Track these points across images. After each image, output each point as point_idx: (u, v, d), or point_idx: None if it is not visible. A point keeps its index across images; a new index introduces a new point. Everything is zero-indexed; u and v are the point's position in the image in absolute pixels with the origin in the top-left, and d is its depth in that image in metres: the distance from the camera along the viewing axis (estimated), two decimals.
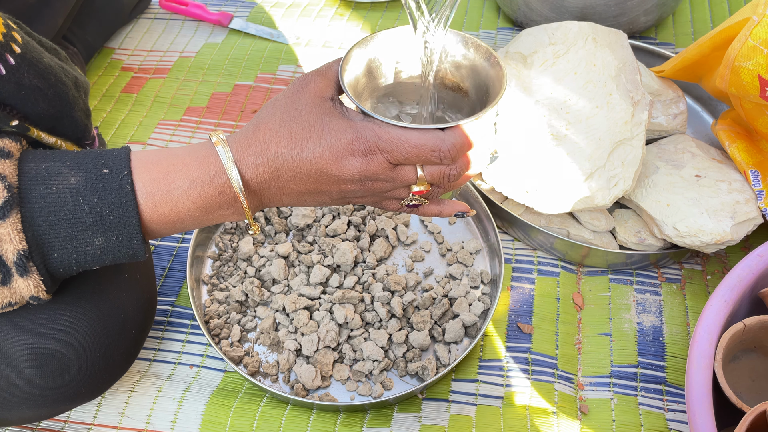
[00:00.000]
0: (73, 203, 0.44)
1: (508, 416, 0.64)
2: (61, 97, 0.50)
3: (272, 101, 0.48)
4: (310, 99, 0.47)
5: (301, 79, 0.48)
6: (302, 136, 0.46)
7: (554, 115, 0.75)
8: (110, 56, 1.01)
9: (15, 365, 0.50)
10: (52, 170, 0.44)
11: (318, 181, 0.47)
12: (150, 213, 0.46)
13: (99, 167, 0.45)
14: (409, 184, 0.48)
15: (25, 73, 0.46)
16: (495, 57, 0.50)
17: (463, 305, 0.69)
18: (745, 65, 0.65)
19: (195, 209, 0.47)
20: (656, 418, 0.65)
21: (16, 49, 0.45)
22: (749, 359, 0.61)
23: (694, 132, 0.89)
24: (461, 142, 0.46)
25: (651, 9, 0.97)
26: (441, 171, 0.47)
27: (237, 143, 0.47)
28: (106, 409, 0.65)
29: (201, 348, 0.70)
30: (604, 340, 0.70)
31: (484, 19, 1.08)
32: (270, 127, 0.46)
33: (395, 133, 0.45)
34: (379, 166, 0.46)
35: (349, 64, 0.49)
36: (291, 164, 0.46)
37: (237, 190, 0.46)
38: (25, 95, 0.47)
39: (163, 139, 0.90)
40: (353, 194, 0.49)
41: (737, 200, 0.71)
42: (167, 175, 0.46)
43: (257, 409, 0.64)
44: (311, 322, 0.68)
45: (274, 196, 0.49)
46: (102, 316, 0.54)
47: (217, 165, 0.46)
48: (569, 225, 0.75)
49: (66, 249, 0.45)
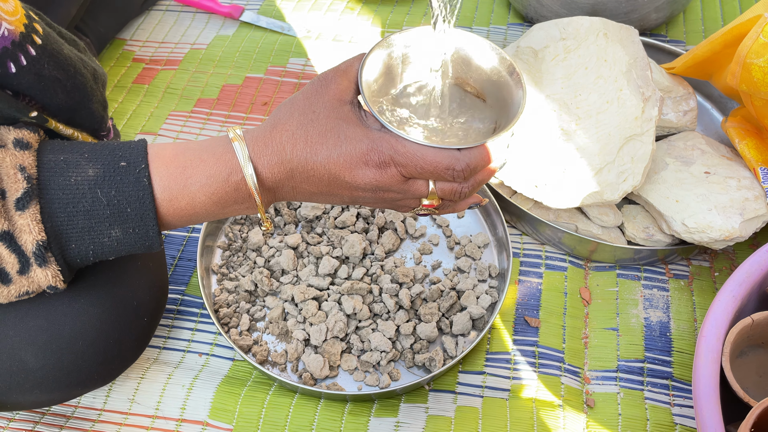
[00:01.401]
0: (91, 195, 0.44)
1: (515, 409, 0.64)
2: (79, 89, 0.50)
3: (291, 100, 0.48)
4: (329, 102, 0.47)
5: (322, 78, 0.48)
6: (318, 141, 0.46)
7: (564, 110, 0.75)
8: (122, 47, 1.02)
9: (29, 350, 0.51)
10: (71, 162, 0.45)
11: (330, 185, 0.48)
12: (166, 206, 0.46)
13: (117, 160, 0.45)
14: (420, 197, 0.48)
15: (45, 65, 0.46)
16: (518, 74, 0.49)
17: (470, 298, 0.70)
18: (757, 62, 0.65)
19: (211, 204, 0.47)
20: (662, 412, 0.65)
21: (37, 41, 0.46)
22: (756, 355, 0.61)
23: (703, 129, 0.89)
24: (476, 162, 0.45)
25: (662, 6, 0.96)
26: (453, 188, 0.47)
27: (254, 141, 0.47)
28: (116, 395, 0.65)
29: (210, 336, 0.70)
30: (611, 334, 0.70)
31: (495, 14, 1.08)
32: (287, 128, 0.46)
33: (411, 148, 0.45)
34: (392, 178, 0.46)
35: (368, 68, 0.48)
36: (305, 167, 0.46)
37: (252, 188, 0.46)
38: (45, 86, 0.47)
39: (174, 129, 0.90)
40: (364, 200, 0.50)
41: (746, 197, 0.71)
42: (184, 170, 0.46)
43: (266, 397, 0.65)
44: (320, 313, 0.68)
45: (287, 194, 0.49)
46: (115, 303, 0.54)
47: (234, 162, 0.46)
48: (578, 220, 0.75)
49: (84, 240, 0.45)
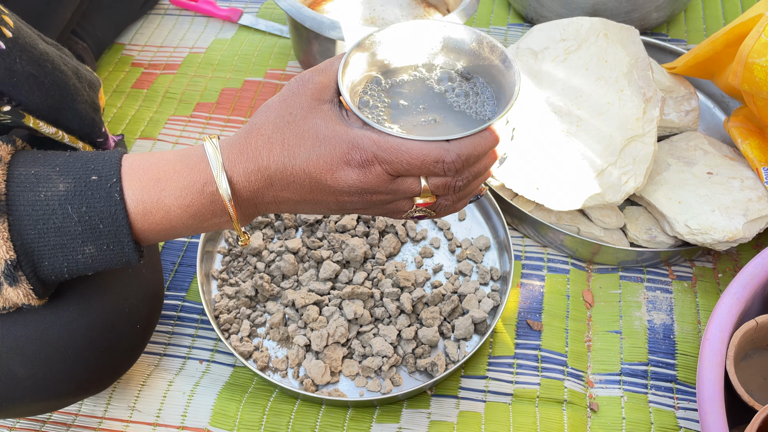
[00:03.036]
0: (61, 211, 0.42)
1: (518, 413, 0.64)
2: (59, 86, 0.49)
3: (267, 104, 0.46)
4: (306, 102, 0.44)
5: (299, 78, 0.45)
6: (295, 143, 0.43)
7: (565, 111, 0.75)
8: (120, 52, 1.01)
9: (18, 360, 0.50)
10: (41, 176, 0.43)
11: (313, 191, 0.45)
12: (141, 221, 0.44)
13: (88, 173, 0.43)
14: (412, 196, 0.45)
15: (17, 59, 0.45)
16: (509, 60, 0.46)
17: (472, 302, 0.69)
18: (759, 62, 0.64)
19: (187, 217, 0.45)
20: (666, 416, 0.64)
21: (7, 33, 0.44)
22: (761, 358, 0.61)
23: (706, 129, 0.88)
24: (468, 152, 0.42)
25: (663, 5, 0.96)
26: (446, 182, 0.44)
27: (229, 149, 0.44)
28: (116, 403, 0.65)
29: (211, 343, 0.70)
30: (614, 337, 0.70)
31: (495, 15, 1.07)
32: (263, 132, 0.44)
33: (395, 143, 0.42)
34: (377, 177, 0.43)
35: (350, 66, 0.46)
36: (284, 172, 0.44)
37: (225, 200, 0.44)
38: (18, 82, 0.45)
39: (173, 134, 0.90)
40: (352, 205, 0.46)
41: (749, 198, 0.70)
42: (158, 182, 0.44)
43: (267, 404, 0.64)
44: (321, 318, 0.68)
45: (269, 204, 0.47)
46: (106, 311, 0.53)
47: (208, 172, 0.44)
48: (580, 222, 0.75)
49: (56, 257, 0.44)
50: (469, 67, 0.49)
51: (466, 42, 0.48)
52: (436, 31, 0.48)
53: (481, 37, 0.47)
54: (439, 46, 0.49)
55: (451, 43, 0.49)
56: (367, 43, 0.47)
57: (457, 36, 0.48)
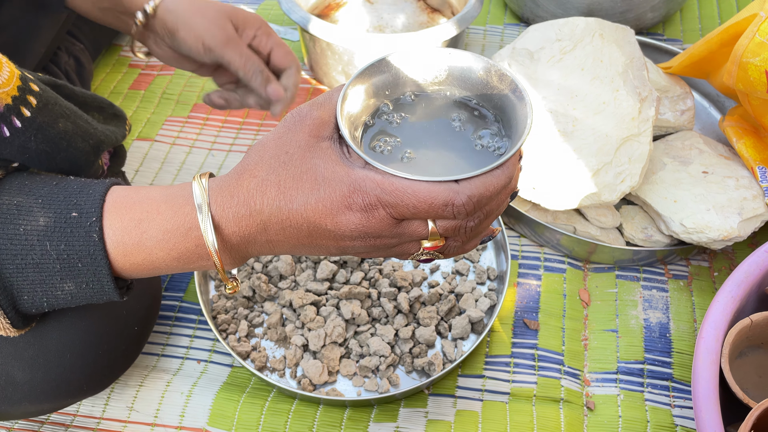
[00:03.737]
0: (40, 248, 0.41)
1: (515, 412, 0.64)
2: (71, 162, 0.48)
3: (261, 142, 0.42)
4: (303, 139, 0.41)
5: (295, 113, 0.42)
6: (292, 185, 0.40)
7: (561, 111, 0.75)
8: (118, 53, 1.02)
9: (16, 365, 0.50)
10: (23, 207, 0.42)
11: (312, 236, 0.41)
12: (122, 261, 0.42)
13: (69, 209, 0.42)
14: (418, 239, 0.42)
15: (32, 137, 0.44)
16: (520, 89, 0.42)
17: (469, 301, 0.70)
18: (753, 61, 0.65)
19: (171, 260, 0.43)
20: (663, 414, 0.65)
21: (26, 113, 0.43)
22: (756, 355, 0.61)
23: (701, 128, 0.89)
24: (479, 193, 0.39)
25: (658, 5, 0.96)
26: (456, 225, 0.40)
27: (219, 192, 0.41)
28: (114, 403, 0.65)
29: (209, 343, 0.70)
30: (611, 336, 0.70)
31: (491, 15, 1.08)
32: (256, 173, 0.41)
33: (400, 185, 0.38)
34: (381, 222, 0.40)
35: (349, 99, 0.42)
36: (279, 216, 0.40)
37: (210, 249, 0.41)
38: (30, 158, 0.45)
39: (171, 135, 0.90)
40: (354, 249, 0.43)
41: (744, 196, 0.71)
42: (139, 223, 0.42)
43: (264, 404, 0.65)
44: (318, 318, 0.68)
45: (262, 248, 0.43)
46: (103, 314, 0.53)
47: (193, 216, 0.41)
48: (576, 221, 0.75)
49: (36, 292, 0.43)
50: (477, 96, 0.46)
51: (473, 70, 0.45)
52: (440, 58, 0.45)
53: (489, 65, 0.44)
54: (444, 75, 0.45)
55: (457, 71, 0.45)
56: (367, 72, 0.44)
57: (464, 64, 0.45)
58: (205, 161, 0.87)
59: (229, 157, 0.88)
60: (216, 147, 0.89)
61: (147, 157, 0.87)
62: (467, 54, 0.45)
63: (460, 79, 0.45)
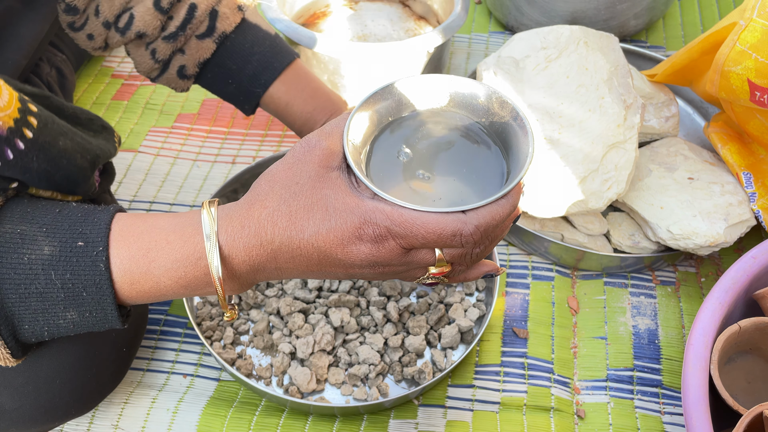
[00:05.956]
0: (44, 277, 0.41)
1: (505, 422, 0.64)
2: (69, 179, 0.48)
3: (271, 171, 0.43)
4: (313, 170, 0.41)
5: (304, 144, 0.43)
6: (303, 216, 0.41)
7: (547, 119, 0.75)
8: (100, 63, 1.00)
9: (5, 393, 0.49)
10: (27, 236, 0.42)
11: (321, 264, 0.42)
12: (127, 290, 0.43)
13: (75, 238, 0.42)
14: (426, 266, 0.43)
15: (35, 158, 0.43)
16: (521, 117, 0.44)
17: (458, 311, 0.69)
18: (734, 70, 0.65)
19: (178, 287, 0.43)
20: (653, 421, 0.64)
21: (28, 134, 0.43)
22: (745, 361, 0.61)
23: (686, 134, 0.89)
24: (486, 222, 0.40)
25: (641, 12, 0.97)
26: (463, 252, 0.42)
27: (229, 221, 0.42)
28: (99, 422, 0.64)
29: (194, 357, 0.69)
30: (600, 343, 0.70)
31: (476, 23, 1.08)
32: (267, 204, 0.41)
33: (409, 216, 0.39)
34: (391, 252, 0.41)
35: (354, 127, 0.43)
36: (290, 246, 0.41)
37: (215, 278, 0.42)
38: (30, 177, 0.44)
39: (154, 146, 0.89)
40: (362, 275, 0.44)
41: (730, 202, 0.71)
42: (147, 252, 0.42)
43: (252, 418, 0.64)
44: (306, 325, 0.67)
45: (270, 274, 0.44)
46: (93, 338, 0.53)
47: (203, 246, 0.42)
48: (563, 229, 0.75)
49: (37, 321, 0.42)
50: (478, 123, 0.47)
51: (474, 97, 0.46)
52: (443, 85, 0.46)
53: (490, 92, 0.45)
54: (446, 101, 0.46)
55: (459, 97, 0.46)
56: (371, 100, 0.45)
57: (466, 90, 0.46)
58: (190, 172, 0.86)
59: (214, 168, 0.87)
60: (201, 158, 0.88)
61: (131, 168, 0.86)
62: (469, 81, 0.46)
63: (462, 105, 0.46)
